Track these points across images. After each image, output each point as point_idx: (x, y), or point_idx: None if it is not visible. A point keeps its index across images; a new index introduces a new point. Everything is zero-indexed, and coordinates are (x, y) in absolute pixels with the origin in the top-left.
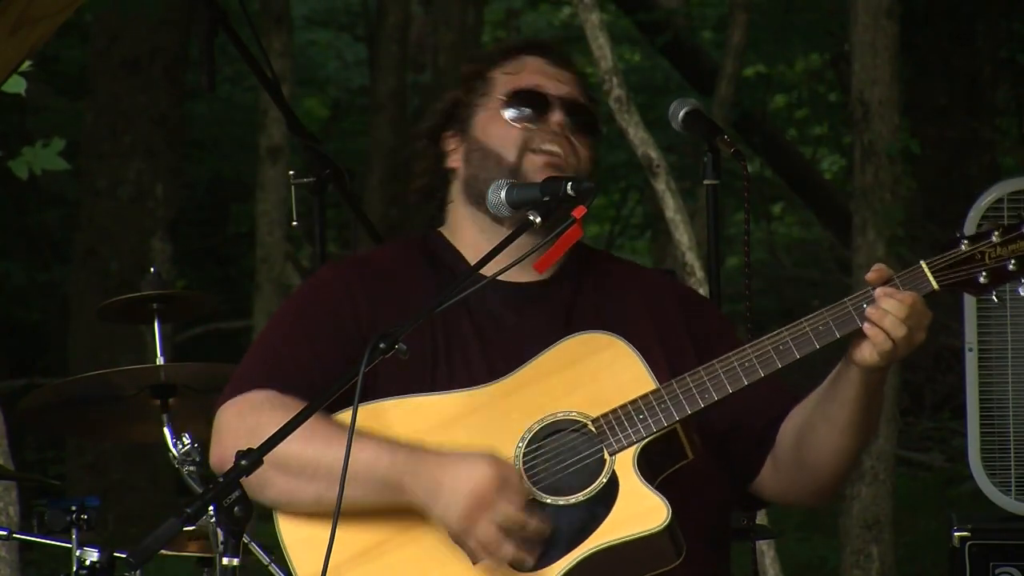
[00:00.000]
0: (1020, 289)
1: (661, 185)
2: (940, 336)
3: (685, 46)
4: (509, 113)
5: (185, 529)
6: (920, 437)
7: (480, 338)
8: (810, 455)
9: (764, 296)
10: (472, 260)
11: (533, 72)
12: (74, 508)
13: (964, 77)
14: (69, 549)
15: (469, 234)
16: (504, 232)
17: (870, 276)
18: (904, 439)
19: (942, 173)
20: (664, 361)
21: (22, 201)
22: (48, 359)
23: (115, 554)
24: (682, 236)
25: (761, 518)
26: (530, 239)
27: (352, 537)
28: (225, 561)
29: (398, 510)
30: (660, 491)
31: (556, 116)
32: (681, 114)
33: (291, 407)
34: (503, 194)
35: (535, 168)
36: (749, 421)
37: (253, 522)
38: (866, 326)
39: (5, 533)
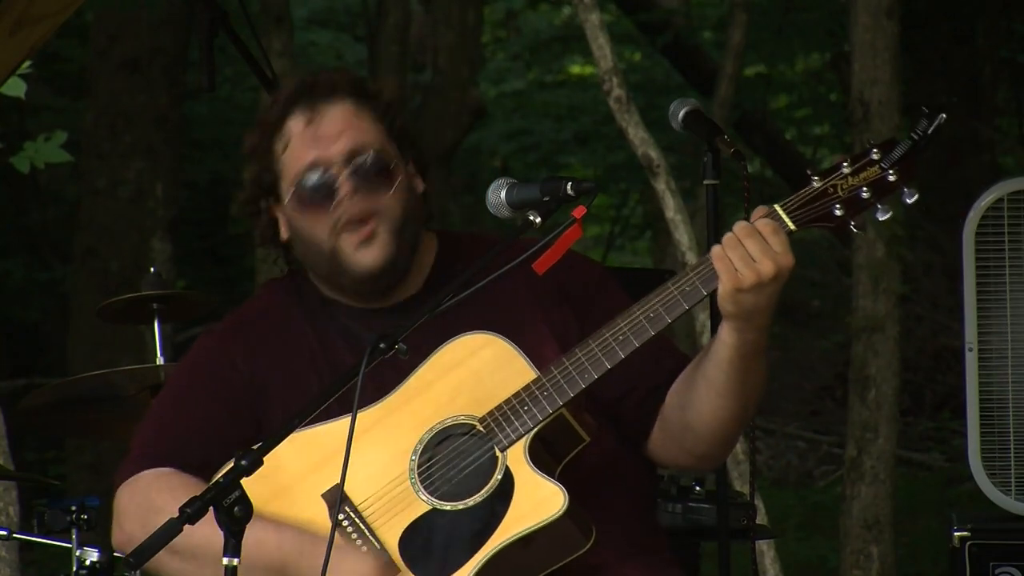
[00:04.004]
0: (877, 214)
1: (661, 185)
2: (940, 336)
3: (685, 46)
4: (303, 206)
5: None
6: (920, 437)
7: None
8: (690, 415)
9: None
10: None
11: (303, 143)
12: (74, 508)
13: (964, 77)
14: (69, 549)
15: (327, 289)
16: (349, 296)
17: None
18: (904, 439)
19: (942, 173)
20: (547, 327)
21: (22, 200)
22: (48, 359)
23: (115, 554)
24: (682, 236)
25: (761, 518)
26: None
27: None
28: (225, 561)
29: None
30: (563, 477)
31: (344, 189)
32: (681, 114)
33: (180, 486)
34: (503, 194)
35: (351, 248)
36: (637, 384)
37: None
38: (714, 261)
39: (5, 533)
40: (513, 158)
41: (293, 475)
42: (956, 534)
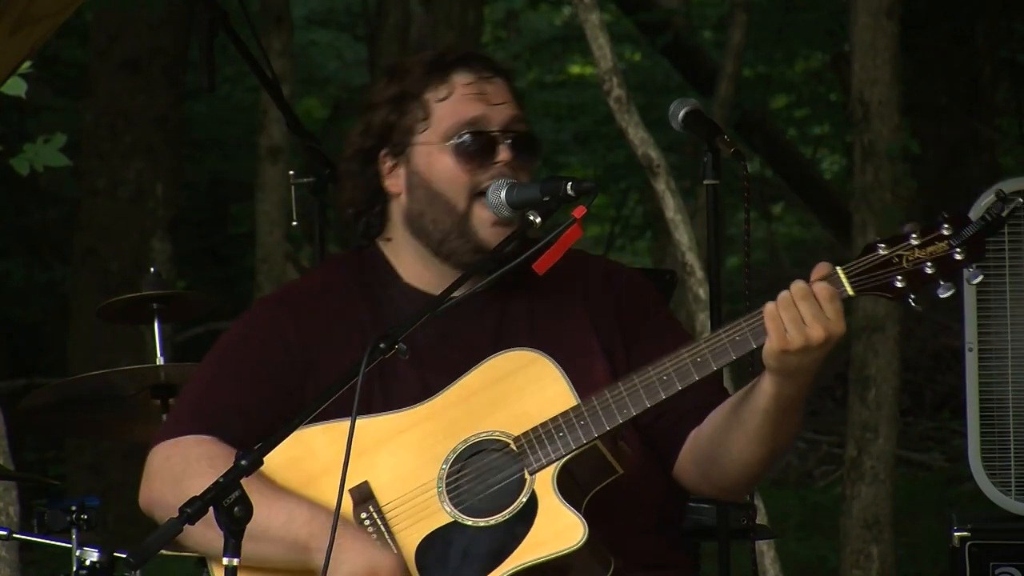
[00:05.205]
0: (939, 291)
1: (661, 185)
2: (940, 336)
3: (685, 46)
4: (455, 154)
5: None
6: (920, 437)
7: (413, 358)
8: (720, 451)
9: (764, 296)
10: (409, 280)
11: (469, 98)
12: (74, 508)
13: (964, 77)
14: (69, 549)
15: (408, 260)
16: (444, 266)
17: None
18: (904, 439)
19: (942, 173)
20: (603, 355)
21: (22, 201)
22: (48, 359)
23: (115, 554)
24: (682, 236)
25: (761, 518)
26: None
27: None
28: (225, 561)
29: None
30: (591, 506)
31: (503, 155)
32: (681, 114)
33: (220, 456)
34: (503, 194)
35: (486, 223)
36: (667, 410)
37: None
38: (765, 318)
39: (5, 533)
40: None
41: (325, 465)
42: (956, 534)
